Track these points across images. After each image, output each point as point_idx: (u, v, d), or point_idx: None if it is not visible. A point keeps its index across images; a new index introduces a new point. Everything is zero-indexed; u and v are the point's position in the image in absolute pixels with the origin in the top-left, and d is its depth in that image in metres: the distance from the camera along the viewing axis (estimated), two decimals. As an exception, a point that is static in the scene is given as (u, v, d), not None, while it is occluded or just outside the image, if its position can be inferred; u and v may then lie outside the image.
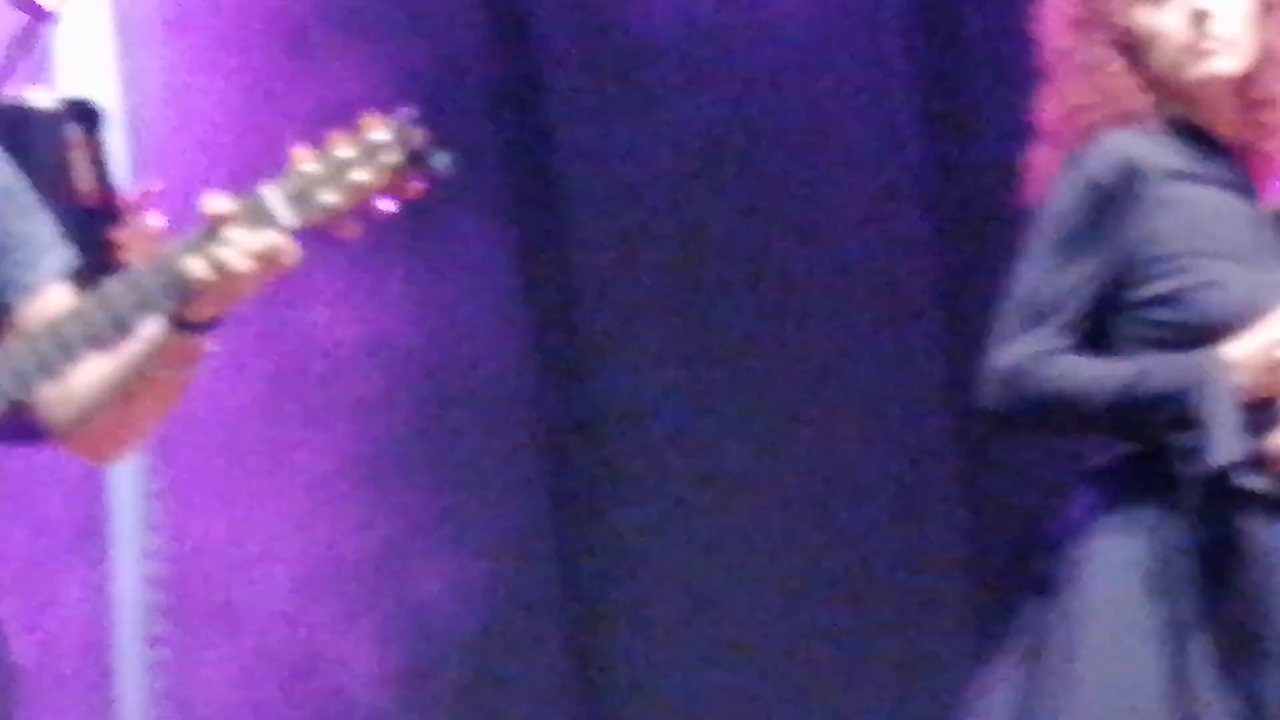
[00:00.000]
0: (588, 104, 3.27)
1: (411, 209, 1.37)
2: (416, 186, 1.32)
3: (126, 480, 2.92)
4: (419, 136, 1.32)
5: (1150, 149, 1.72)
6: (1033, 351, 1.68)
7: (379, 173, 1.30)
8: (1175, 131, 1.75)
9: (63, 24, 2.62)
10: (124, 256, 2.34)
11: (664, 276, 3.29)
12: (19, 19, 2.38)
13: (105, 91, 2.82)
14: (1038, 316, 1.70)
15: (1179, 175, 1.72)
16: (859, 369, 3.26)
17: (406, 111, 1.33)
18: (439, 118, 1.37)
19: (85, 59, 2.85)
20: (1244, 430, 1.63)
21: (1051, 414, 1.73)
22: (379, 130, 1.31)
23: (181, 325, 1.28)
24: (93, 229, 2.37)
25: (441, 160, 1.34)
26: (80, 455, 1.48)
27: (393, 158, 1.30)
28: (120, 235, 2.46)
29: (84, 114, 2.59)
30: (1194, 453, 1.62)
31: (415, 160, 1.31)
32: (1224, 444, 1.61)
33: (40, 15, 2.40)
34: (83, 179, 2.51)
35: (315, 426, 3.06)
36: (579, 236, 3.30)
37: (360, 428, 3.10)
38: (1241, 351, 1.65)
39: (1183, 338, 1.68)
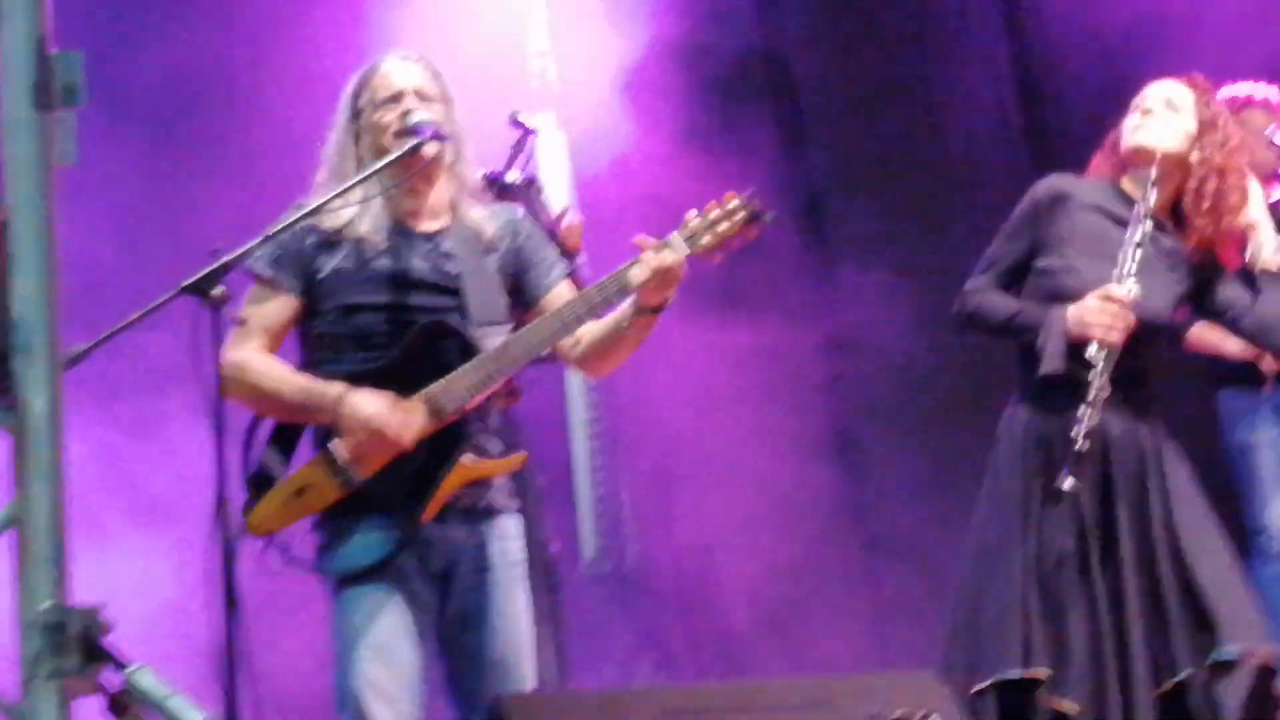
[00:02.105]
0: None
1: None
2: (753, 234, 2.35)
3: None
4: (757, 204, 2.34)
5: (1085, 187, 2.86)
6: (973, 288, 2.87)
7: (733, 225, 2.33)
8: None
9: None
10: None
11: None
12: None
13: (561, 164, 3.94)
14: (987, 266, 2.87)
15: (1092, 208, 2.81)
16: None
17: (751, 191, 2.35)
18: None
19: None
20: (1065, 355, 2.70)
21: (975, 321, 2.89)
22: (734, 201, 2.34)
23: (640, 309, 2.36)
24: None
25: (769, 217, 2.36)
26: (583, 373, 2.67)
27: (741, 216, 2.33)
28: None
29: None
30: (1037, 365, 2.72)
31: (754, 219, 2.34)
32: (1050, 362, 2.69)
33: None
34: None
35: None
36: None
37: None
38: (1074, 310, 2.68)
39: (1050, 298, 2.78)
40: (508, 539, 2.44)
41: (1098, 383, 2.66)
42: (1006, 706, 2.65)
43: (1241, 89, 3.50)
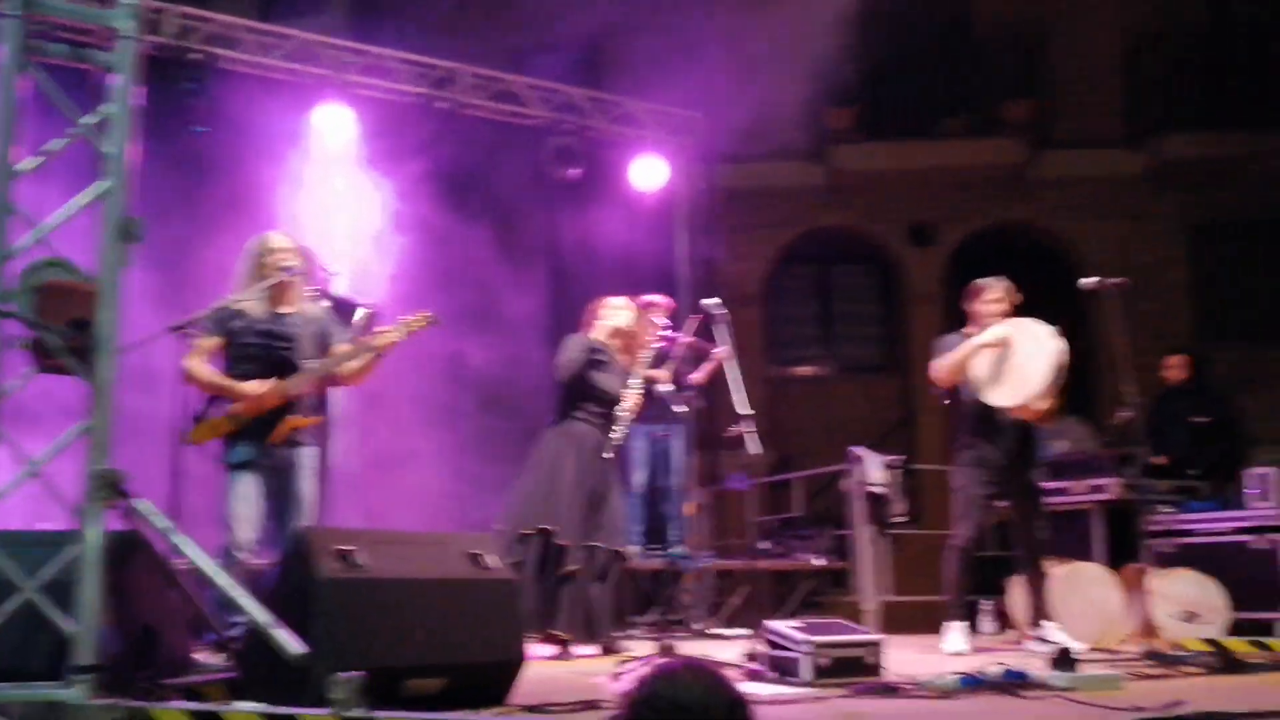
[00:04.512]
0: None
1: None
2: (429, 328, 5.25)
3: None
4: (432, 316, 5.24)
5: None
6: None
7: (422, 322, 5.23)
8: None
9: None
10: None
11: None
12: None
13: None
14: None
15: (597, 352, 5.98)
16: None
17: (432, 312, 5.26)
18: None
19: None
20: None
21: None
22: (424, 313, 5.24)
23: (376, 354, 5.24)
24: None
25: (435, 320, 5.26)
26: (348, 384, 5.56)
27: (426, 320, 5.23)
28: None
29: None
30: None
31: (431, 323, 5.24)
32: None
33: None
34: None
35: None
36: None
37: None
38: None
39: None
40: (307, 456, 5.27)
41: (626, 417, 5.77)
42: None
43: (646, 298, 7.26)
